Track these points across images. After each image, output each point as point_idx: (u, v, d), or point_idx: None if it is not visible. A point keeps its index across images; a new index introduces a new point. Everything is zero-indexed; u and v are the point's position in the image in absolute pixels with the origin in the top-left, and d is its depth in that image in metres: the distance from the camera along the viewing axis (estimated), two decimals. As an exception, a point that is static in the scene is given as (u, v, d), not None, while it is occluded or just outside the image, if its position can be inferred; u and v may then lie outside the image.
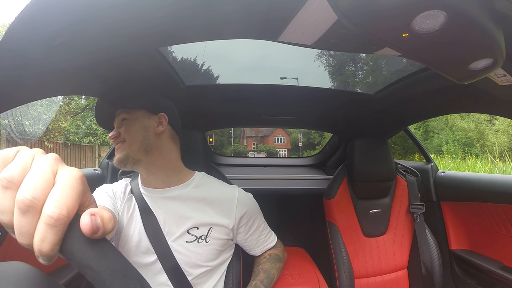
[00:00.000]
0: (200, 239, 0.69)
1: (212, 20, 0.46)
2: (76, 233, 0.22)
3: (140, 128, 0.71)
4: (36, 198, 0.21)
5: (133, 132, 0.70)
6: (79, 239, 0.22)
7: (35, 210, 0.21)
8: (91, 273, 0.22)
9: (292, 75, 1.19)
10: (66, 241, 0.22)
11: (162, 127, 0.74)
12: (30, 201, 0.20)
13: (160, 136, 0.73)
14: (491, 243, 1.05)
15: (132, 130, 0.70)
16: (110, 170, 1.15)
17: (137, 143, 0.70)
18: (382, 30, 0.38)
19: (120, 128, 0.71)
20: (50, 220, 0.20)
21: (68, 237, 0.22)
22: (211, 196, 0.73)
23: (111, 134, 0.72)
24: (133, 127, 0.71)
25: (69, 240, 0.22)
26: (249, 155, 14.18)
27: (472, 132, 11.81)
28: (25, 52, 0.43)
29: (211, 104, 0.80)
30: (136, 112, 0.72)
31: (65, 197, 0.21)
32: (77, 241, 0.22)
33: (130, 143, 0.70)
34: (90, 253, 0.22)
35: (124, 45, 0.53)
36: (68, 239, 0.22)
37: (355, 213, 1.17)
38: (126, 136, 0.70)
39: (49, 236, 0.20)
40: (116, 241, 0.68)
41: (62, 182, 0.22)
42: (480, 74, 0.47)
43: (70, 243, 0.22)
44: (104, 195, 0.69)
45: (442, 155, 10.91)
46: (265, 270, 0.75)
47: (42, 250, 0.20)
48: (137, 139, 0.70)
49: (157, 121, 0.74)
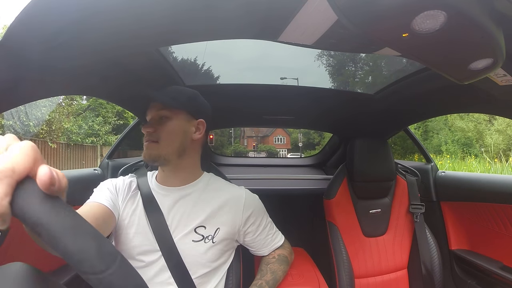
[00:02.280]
0: (207, 239, 0.69)
1: (213, 20, 0.46)
2: (26, 193, 0.23)
3: (179, 131, 0.69)
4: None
5: (172, 134, 0.68)
6: (29, 197, 0.23)
7: None
8: (42, 231, 0.22)
9: (292, 75, 1.18)
10: (17, 199, 0.22)
11: (199, 134, 0.73)
12: None
13: (194, 142, 0.73)
14: (491, 243, 1.05)
15: (170, 131, 0.68)
16: (110, 170, 1.14)
17: (173, 146, 0.68)
18: (382, 30, 0.38)
19: (157, 125, 0.68)
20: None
21: (19, 195, 0.22)
22: (219, 196, 0.73)
23: (148, 128, 0.67)
24: (172, 128, 0.68)
25: (19, 199, 0.22)
26: (249, 155, 14.18)
27: (471, 132, 11.84)
28: (25, 52, 0.43)
29: (211, 104, 0.80)
30: (178, 113, 0.70)
31: (11, 155, 0.23)
32: (26, 199, 0.23)
33: (165, 144, 0.68)
34: (40, 209, 0.22)
35: (124, 45, 0.53)
36: (19, 197, 0.22)
37: (355, 213, 1.17)
38: (163, 135, 0.68)
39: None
40: (117, 237, 0.68)
41: (11, 147, 0.24)
42: (480, 74, 0.47)
43: (20, 202, 0.22)
44: (105, 190, 0.68)
45: (442, 155, 10.94)
46: (273, 271, 0.75)
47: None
48: (174, 142, 0.68)
49: (196, 127, 0.73)
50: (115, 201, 0.68)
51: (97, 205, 0.63)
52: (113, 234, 0.69)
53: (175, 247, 0.66)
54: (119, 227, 0.68)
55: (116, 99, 0.93)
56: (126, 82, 0.79)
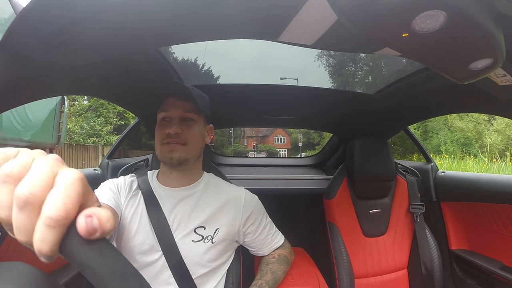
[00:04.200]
0: (206, 239, 0.69)
1: (213, 20, 0.46)
2: (76, 234, 0.22)
3: (200, 135, 0.73)
4: (34, 194, 0.20)
5: (197, 138, 0.71)
6: (78, 240, 0.22)
7: (32, 207, 0.20)
8: (91, 273, 0.22)
9: (292, 75, 1.19)
10: (65, 241, 0.22)
11: (209, 138, 0.77)
12: (27, 197, 0.20)
13: (204, 146, 0.77)
14: (491, 243, 1.05)
15: (196, 135, 0.71)
16: (110, 170, 1.14)
17: (197, 150, 0.72)
18: (382, 30, 0.38)
19: (184, 126, 0.69)
20: (49, 221, 0.20)
21: (67, 237, 0.22)
22: (219, 197, 0.74)
23: (176, 129, 0.67)
24: (197, 132, 0.71)
25: (69, 241, 0.22)
26: (249, 155, 14.18)
27: (471, 132, 11.86)
28: (26, 52, 0.43)
29: (211, 104, 0.80)
30: (201, 117, 0.73)
31: (64, 198, 0.21)
32: (76, 242, 0.22)
33: (192, 148, 0.70)
34: (89, 253, 0.22)
35: (124, 45, 0.53)
36: (67, 239, 0.22)
37: (355, 213, 1.17)
38: (190, 138, 0.69)
39: (48, 237, 0.20)
40: (119, 237, 0.68)
41: (62, 183, 0.21)
42: (480, 74, 0.47)
43: (70, 244, 0.22)
44: (108, 191, 0.68)
45: (441, 155, 10.98)
46: (273, 271, 0.75)
47: (41, 250, 0.21)
48: (198, 146, 0.72)
49: (207, 131, 0.76)
50: (118, 201, 0.68)
51: None
52: (114, 233, 0.69)
53: (176, 247, 0.66)
54: (121, 226, 0.68)
55: (117, 99, 0.93)
56: (126, 82, 0.79)
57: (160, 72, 0.84)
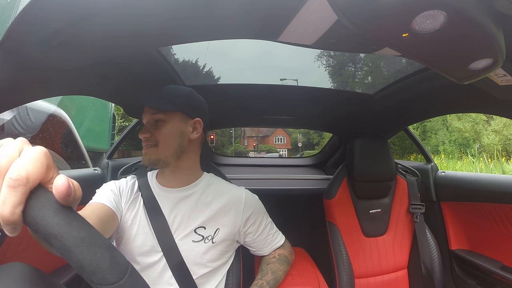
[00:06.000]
0: (206, 239, 0.69)
1: (212, 20, 0.46)
2: (40, 202, 0.23)
3: (176, 133, 0.69)
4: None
5: (168, 137, 0.68)
6: (42, 207, 0.22)
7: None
8: (55, 242, 0.22)
9: (292, 75, 1.18)
10: (29, 209, 0.22)
11: (197, 133, 0.72)
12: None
13: (192, 142, 0.72)
14: (491, 243, 1.05)
15: (167, 135, 0.68)
16: (110, 170, 1.14)
17: (171, 149, 0.68)
18: (382, 30, 0.38)
19: (154, 129, 0.68)
20: (9, 182, 0.22)
21: (31, 205, 0.22)
22: (219, 197, 0.74)
23: (144, 134, 0.67)
24: (168, 131, 0.68)
25: (32, 208, 0.22)
26: (249, 155, 14.18)
27: (469, 132, 11.91)
28: (25, 52, 0.43)
29: (211, 104, 0.80)
30: (173, 115, 0.69)
31: (25, 163, 0.23)
32: (40, 209, 0.22)
33: (163, 148, 0.67)
34: (53, 220, 0.22)
35: (124, 45, 0.53)
36: (31, 207, 0.22)
37: (355, 213, 1.17)
38: (160, 139, 0.67)
39: (9, 198, 0.21)
40: (119, 239, 0.68)
41: (24, 153, 0.24)
42: (480, 74, 0.47)
43: (33, 211, 0.22)
44: (109, 192, 0.68)
45: (439, 155, 11.02)
46: (274, 271, 0.75)
47: (3, 214, 0.21)
48: (171, 145, 0.68)
49: (192, 126, 0.72)
50: (118, 203, 0.68)
51: (100, 206, 0.63)
52: (115, 235, 0.69)
53: (176, 247, 0.66)
54: (121, 228, 0.68)
55: (117, 99, 0.93)
56: (126, 82, 0.79)
57: (160, 73, 0.84)
